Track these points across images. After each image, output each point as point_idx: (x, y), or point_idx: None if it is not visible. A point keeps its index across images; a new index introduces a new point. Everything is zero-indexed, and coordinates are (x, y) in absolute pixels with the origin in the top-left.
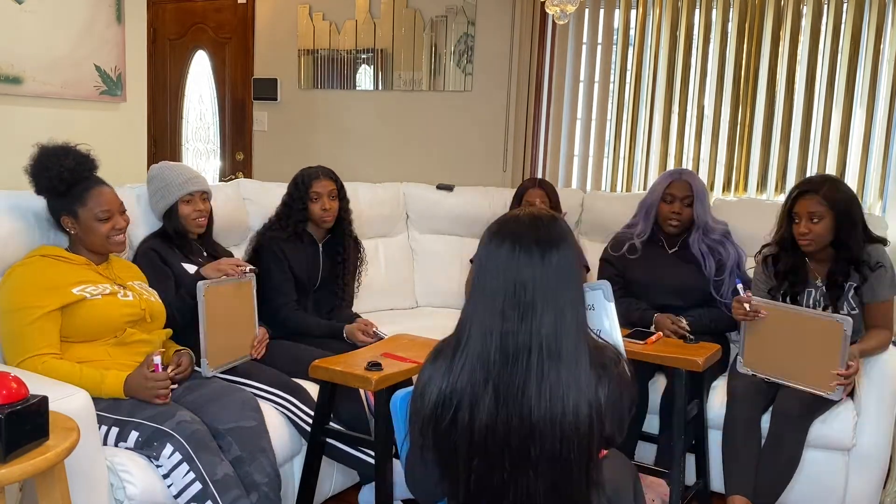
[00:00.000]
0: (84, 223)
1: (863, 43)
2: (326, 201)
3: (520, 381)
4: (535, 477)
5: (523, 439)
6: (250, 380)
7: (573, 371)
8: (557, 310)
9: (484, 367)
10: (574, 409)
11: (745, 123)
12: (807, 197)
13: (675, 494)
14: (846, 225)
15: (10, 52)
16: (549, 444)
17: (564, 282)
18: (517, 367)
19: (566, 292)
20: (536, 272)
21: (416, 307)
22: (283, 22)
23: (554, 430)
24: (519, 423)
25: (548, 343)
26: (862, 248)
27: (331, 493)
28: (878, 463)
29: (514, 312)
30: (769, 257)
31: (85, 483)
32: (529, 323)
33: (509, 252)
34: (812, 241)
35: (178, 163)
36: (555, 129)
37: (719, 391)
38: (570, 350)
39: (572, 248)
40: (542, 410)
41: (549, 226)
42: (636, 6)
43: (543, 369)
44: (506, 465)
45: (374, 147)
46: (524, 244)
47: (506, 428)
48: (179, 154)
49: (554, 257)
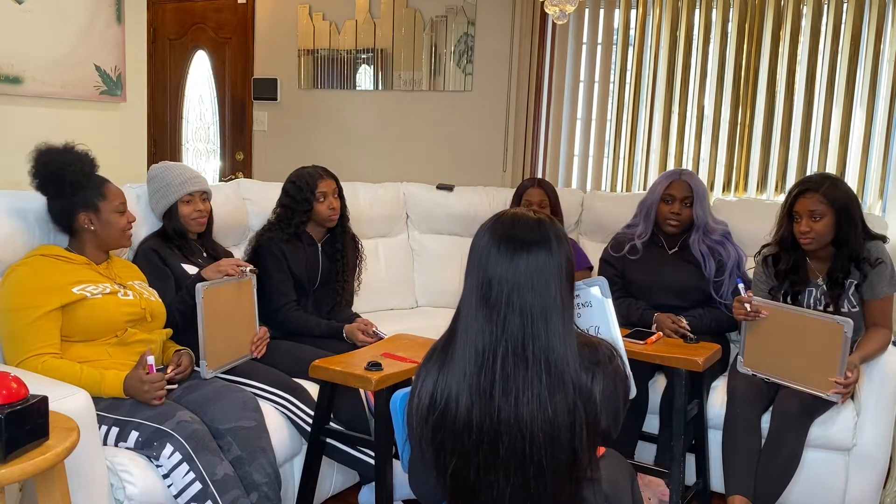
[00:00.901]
0: (105, 217)
1: (863, 43)
2: (332, 200)
3: (488, 382)
4: (506, 477)
5: (492, 440)
6: (250, 380)
7: (542, 374)
8: (525, 313)
9: (464, 365)
10: (546, 411)
11: (745, 123)
12: (807, 195)
13: (675, 494)
14: (846, 222)
15: (10, 52)
16: (518, 444)
17: (535, 285)
18: (486, 367)
19: (537, 296)
20: (503, 271)
21: (416, 307)
22: (283, 22)
23: (521, 432)
24: (489, 423)
25: (514, 345)
26: (862, 245)
27: (331, 493)
28: (878, 463)
29: (484, 310)
30: (769, 257)
31: (85, 483)
32: (496, 323)
33: (484, 247)
34: (813, 239)
35: (177, 163)
36: (555, 129)
37: (719, 391)
38: (538, 353)
39: (554, 252)
40: (508, 412)
41: (529, 227)
42: (636, 6)
43: (509, 371)
44: (480, 464)
45: (374, 147)
46: (496, 242)
47: (479, 427)
48: (179, 154)
49: (523, 260)
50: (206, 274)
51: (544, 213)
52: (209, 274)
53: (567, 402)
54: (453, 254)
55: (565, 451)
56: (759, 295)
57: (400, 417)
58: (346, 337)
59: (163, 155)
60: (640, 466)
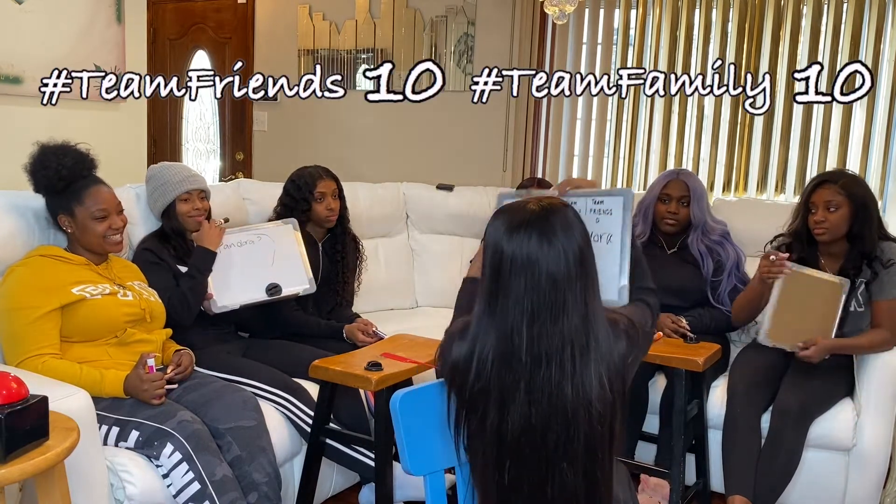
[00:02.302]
0: (80, 222)
1: (863, 43)
2: (331, 201)
3: (556, 380)
4: (571, 467)
5: (561, 433)
6: (250, 379)
7: (597, 353)
8: (582, 301)
9: (511, 367)
10: (601, 390)
11: (745, 123)
12: (825, 186)
13: (675, 494)
14: (862, 217)
15: (10, 52)
16: (586, 429)
17: (585, 269)
18: (551, 368)
19: (587, 280)
20: (561, 265)
21: (416, 307)
22: (283, 22)
23: (590, 413)
24: (557, 418)
25: (578, 337)
26: (876, 242)
27: (331, 493)
28: (878, 463)
29: (546, 313)
30: (782, 247)
31: (85, 483)
32: (562, 323)
33: (537, 246)
34: (827, 229)
35: (176, 162)
36: (555, 129)
37: (719, 391)
38: (597, 334)
39: (576, 231)
40: (578, 401)
41: (559, 215)
42: (636, 6)
43: (576, 364)
44: (541, 463)
45: (374, 147)
46: (546, 236)
47: (544, 426)
48: (179, 154)
49: (550, 243)
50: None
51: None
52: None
53: (599, 377)
54: (453, 254)
55: (606, 428)
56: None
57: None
58: (346, 337)
59: (163, 155)
60: (641, 466)
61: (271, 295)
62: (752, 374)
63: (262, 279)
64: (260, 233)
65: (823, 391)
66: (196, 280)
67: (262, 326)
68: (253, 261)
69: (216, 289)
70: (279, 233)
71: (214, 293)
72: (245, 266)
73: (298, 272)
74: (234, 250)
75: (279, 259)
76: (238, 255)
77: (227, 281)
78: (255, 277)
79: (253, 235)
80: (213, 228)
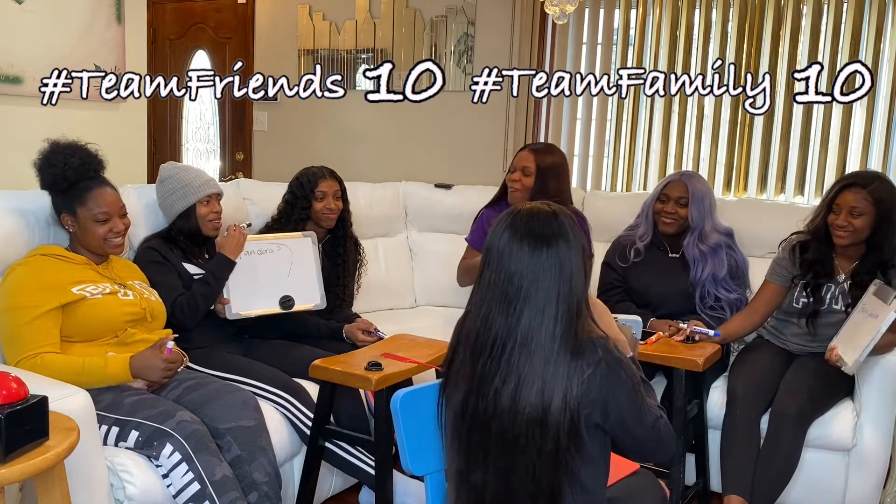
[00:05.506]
0: (82, 223)
1: (863, 43)
2: (331, 201)
3: (493, 371)
4: (494, 460)
5: (485, 423)
6: (250, 379)
7: (544, 363)
8: (540, 305)
9: (469, 352)
10: (542, 400)
11: (745, 123)
12: (853, 190)
13: (675, 494)
14: (886, 225)
15: (10, 52)
16: (508, 429)
17: (555, 277)
18: (493, 357)
19: (556, 288)
20: (524, 266)
21: (416, 307)
22: (283, 22)
23: (514, 417)
24: (489, 410)
25: (523, 336)
26: (894, 251)
27: (331, 494)
28: (878, 463)
29: (502, 304)
30: (798, 244)
31: (85, 483)
32: (511, 316)
33: (505, 244)
34: (849, 234)
35: (188, 165)
36: (555, 129)
37: (719, 391)
38: (544, 343)
39: (572, 244)
40: (508, 400)
41: (547, 221)
42: (636, 6)
43: (514, 360)
44: (483, 453)
45: (373, 147)
46: (517, 238)
47: (475, 413)
48: (179, 154)
49: (544, 254)
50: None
51: (556, 205)
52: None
53: (562, 391)
54: (452, 253)
55: (551, 439)
56: (779, 281)
57: (400, 418)
58: (346, 337)
59: (163, 155)
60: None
61: (284, 307)
62: (752, 374)
63: (277, 290)
64: (279, 243)
65: (823, 392)
66: (211, 287)
67: (262, 326)
68: (270, 270)
69: (232, 294)
70: (298, 245)
71: (231, 299)
72: (262, 274)
73: (312, 287)
74: (254, 257)
75: (295, 271)
76: (257, 263)
77: (244, 288)
78: (271, 287)
79: (273, 245)
80: (236, 237)
